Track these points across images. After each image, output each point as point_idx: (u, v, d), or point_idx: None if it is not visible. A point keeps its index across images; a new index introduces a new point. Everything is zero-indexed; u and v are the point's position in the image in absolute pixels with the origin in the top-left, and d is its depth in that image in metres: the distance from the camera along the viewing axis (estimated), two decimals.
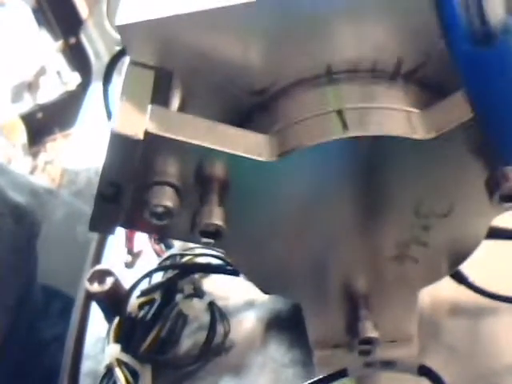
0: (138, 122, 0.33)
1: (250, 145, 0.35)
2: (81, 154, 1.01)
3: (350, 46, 0.36)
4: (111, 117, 0.50)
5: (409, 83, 0.37)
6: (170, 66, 0.37)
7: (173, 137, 0.33)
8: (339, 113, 0.35)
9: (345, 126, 0.34)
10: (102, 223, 0.37)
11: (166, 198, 0.34)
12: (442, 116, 0.34)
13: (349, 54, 0.37)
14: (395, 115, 0.35)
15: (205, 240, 0.35)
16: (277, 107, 0.38)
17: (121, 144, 0.33)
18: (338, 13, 0.35)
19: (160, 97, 0.37)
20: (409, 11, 0.35)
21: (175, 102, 0.39)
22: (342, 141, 0.34)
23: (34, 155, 1.62)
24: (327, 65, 0.37)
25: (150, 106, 0.34)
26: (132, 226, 0.39)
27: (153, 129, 0.33)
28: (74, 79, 1.58)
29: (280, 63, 0.37)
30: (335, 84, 0.37)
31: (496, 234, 0.46)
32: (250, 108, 0.39)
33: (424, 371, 0.38)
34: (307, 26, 0.36)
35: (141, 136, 0.33)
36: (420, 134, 0.34)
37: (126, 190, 0.35)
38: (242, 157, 0.35)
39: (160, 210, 0.34)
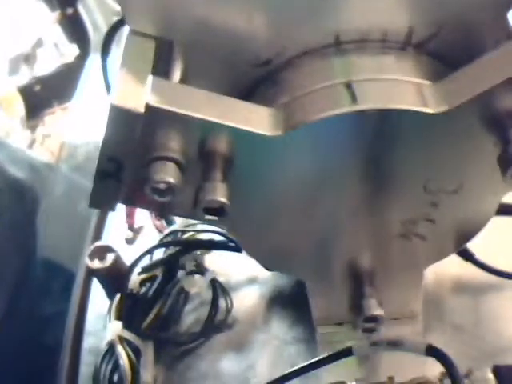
0: (138, 95, 0.32)
1: (254, 118, 0.34)
2: (80, 128, 1.00)
3: (360, 15, 0.35)
4: (110, 89, 0.49)
5: (420, 54, 0.36)
6: (171, 37, 0.35)
7: (175, 110, 0.32)
8: (348, 85, 0.33)
9: (353, 98, 0.33)
10: (102, 199, 0.36)
11: (168, 174, 0.33)
12: (454, 89, 0.33)
13: (358, 22, 0.35)
14: (406, 87, 0.34)
15: (208, 217, 0.34)
16: (282, 79, 0.37)
17: (121, 118, 0.31)
18: None
19: (161, 68, 0.36)
20: None
21: (176, 74, 0.38)
22: (350, 114, 0.33)
23: (32, 129, 1.60)
24: (335, 34, 0.35)
25: (150, 77, 0.33)
26: (133, 202, 0.38)
27: (154, 101, 0.32)
28: (71, 51, 1.55)
29: (286, 32, 0.36)
30: (344, 55, 0.36)
31: (503, 210, 0.45)
32: (255, 80, 0.38)
33: (432, 351, 0.37)
34: None
35: (141, 109, 0.31)
36: (431, 107, 0.32)
37: (127, 165, 0.34)
38: (246, 131, 0.33)
39: (162, 186, 0.33)
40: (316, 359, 0.41)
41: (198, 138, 0.34)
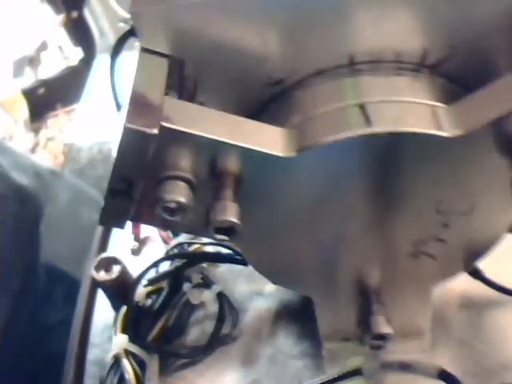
0: (152, 115, 0.31)
1: (266, 139, 0.34)
2: (84, 131, 1.00)
3: (374, 36, 0.35)
4: (117, 97, 0.48)
5: (434, 76, 0.36)
6: (183, 56, 0.35)
7: (188, 130, 0.32)
8: (361, 107, 0.33)
9: (368, 120, 0.32)
10: (112, 218, 0.36)
11: (179, 194, 0.33)
12: (469, 112, 0.32)
13: (372, 43, 0.35)
14: (420, 110, 0.33)
15: (219, 237, 0.34)
16: (294, 99, 0.37)
17: (133, 138, 0.31)
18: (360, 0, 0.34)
19: (172, 85, 0.36)
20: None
21: (188, 91, 0.38)
22: (363, 136, 0.33)
23: (36, 131, 1.60)
24: (349, 55, 0.35)
25: (164, 98, 0.33)
26: (143, 220, 0.38)
27: (168, 122, 0.31)
28: (75, 54, 1.55)
29: (299, 53, 0.36)
30: (357, 75, 0.35)
31: None
32: (267, 99, 0.38)
33: (444, 376, 0.37)
34: (328, 13, 0.34)
35: (155, 130, 0.31)
36: (446, 130, 0.32)
37: (138, 184, 0.34)
38: (258, 152, 0.33)
39: (173, 205, 0.33)
40: (325, 379, 0.41)
41: (209, 157, 0.34)
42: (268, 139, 0.34)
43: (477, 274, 0.49)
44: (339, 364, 0.47)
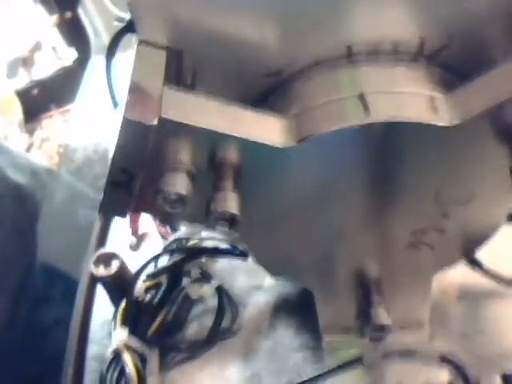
0: (151, 107, 0.32)
1: (265, 130, 0.34)
2: (78, 131, 1.00)
3: (371, 26, 0.35)
4: (113, 93, 0.48)
5: (431, 65, 0.36)
6: (182, 47, 0.35)
7: (188, 122, 0.32)
8: (360, 97, 0.33)
9: (366, 110, 0.33)
10: (112, 208, 0.36)
11: (180, 185, 0.33)
12: (466, 101, 0.33)
13: (370, 34, 0.35)
14: (418, 99, 0.34)
15: (220, 227, 0.34)
16: (293, 89, 0.37)
17: (133, 130, 0.31)
18: None
19: (171, 76, 0.36)
20: None
21: (186, 82, 0.38)
22: (363, 126, 0.33)
23: (31, 132, 1.60)
24: (347, 46, 0.35)
25: (163, 89, 0.33)
26: (142, 210, 0.38)
27: (167, 114, 0.32)
28: (69, 55, 1.55)
29: (297, 44, 0.36)
30: (355, 66, 0.36)
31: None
32: (265, 90, 0.38)
33: (447, 360, 0.37)
34: (326, 4, 0.34)
35: (155, 121, 0.31)
36: (444, 119, 0.33)
37: (138, 176, 0.34)
38: (257, 142, 0.33)
39: (173, 196, 0.33)
40: (326, 370, 0.41)
41: (209, 148, 0.34)
42: (267, 130, 0.34)
43: (475, 265, 0.49)
44: (339, 356, 0.47)
